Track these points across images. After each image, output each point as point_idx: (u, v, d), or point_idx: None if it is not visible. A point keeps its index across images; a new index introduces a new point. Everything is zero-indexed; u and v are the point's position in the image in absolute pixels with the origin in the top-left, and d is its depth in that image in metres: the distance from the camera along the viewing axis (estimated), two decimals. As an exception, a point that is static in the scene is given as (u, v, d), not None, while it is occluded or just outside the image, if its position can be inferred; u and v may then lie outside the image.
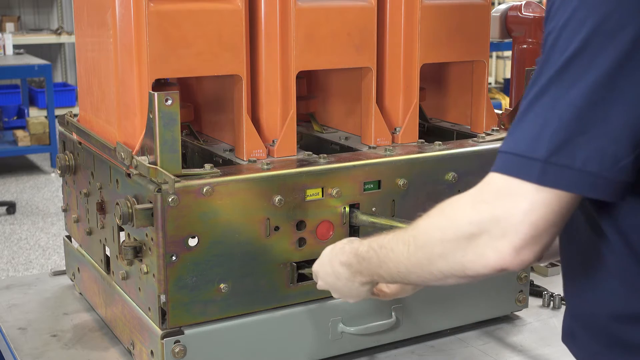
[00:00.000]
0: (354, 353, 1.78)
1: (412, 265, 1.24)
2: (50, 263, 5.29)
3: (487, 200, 1.09)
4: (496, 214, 1.07)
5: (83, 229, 1.96)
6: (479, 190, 1.11)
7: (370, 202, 1.71)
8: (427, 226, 1.20)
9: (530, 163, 1.03)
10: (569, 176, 1.02)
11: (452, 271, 1.16)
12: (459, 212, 1.13)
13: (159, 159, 1.50)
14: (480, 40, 1.95)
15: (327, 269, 1.49)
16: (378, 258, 1.34)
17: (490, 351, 1.83)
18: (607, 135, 1.00)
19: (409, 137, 1.90)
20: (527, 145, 1.04)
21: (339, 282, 1.47)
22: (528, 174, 1.04)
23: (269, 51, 1.72)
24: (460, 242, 1.12)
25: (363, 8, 1.78)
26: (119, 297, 1.76)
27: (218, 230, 1.56)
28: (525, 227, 1.05)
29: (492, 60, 10.40)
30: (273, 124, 1.76)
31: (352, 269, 1.43)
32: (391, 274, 1.31)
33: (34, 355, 1.77)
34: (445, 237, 1.14)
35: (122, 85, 1.65)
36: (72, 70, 9.56)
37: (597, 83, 0.99)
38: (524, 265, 1.08)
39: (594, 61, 0.99)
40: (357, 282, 1.44)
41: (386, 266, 1.31)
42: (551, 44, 1.04)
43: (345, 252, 1.45)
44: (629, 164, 1.01)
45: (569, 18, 1.02)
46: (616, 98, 0.99)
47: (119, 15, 1.61)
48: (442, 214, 1.17)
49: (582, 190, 1.03)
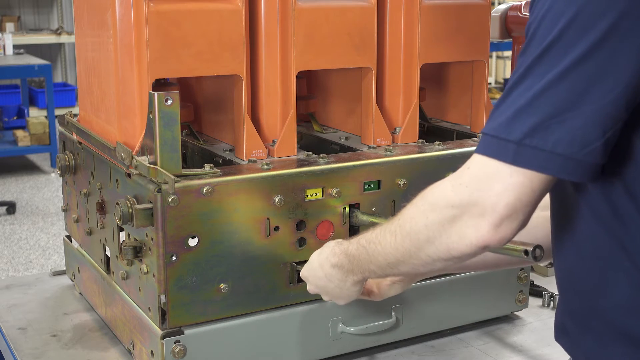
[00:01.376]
0: (354, 353, 1.78)
1: (400, 254, 1.28)
2: (50, 263, 5.29)
3: (465, 182, 1.14)
4: (474, 196, 1.12)
5: (83, 229, 1.96)
6: (459, 173, 1.17)
7: (370, 202, 1.71)
8: (411, 213, 1.25)
9: (506, 145, 1.09)
10: (541, 158, 1.07)
11: (439, 254, 1.20)
12: (440, 196, 1.19)
13: (159, 159, 1.50)
14: (480, 40, 1.95)
15: (317, 273, 1.52)
16: (367, 253, 1.37)
17: (490, 351, 1.83)
18: (578, 119, 1.05)
19: (409, 137, 1.90)
20: (503, 127, 1.10)
21: (330, 284, 1.50)
22: (504, 155, 1.10)
23: (269, 51, 1.72)
24: (443, 225, 1.17)
25: (363, 8, 1.78)
26: (119, 297, 1.76)
27: (218, 230, 1.56)
28: (502, 207, 1.11)
29: (492, 60, 10.40)
30: (273, 124, 1.76)
31: (344, 270, 1.46)
32: (382, 267, 1.35)
33: (34, 355, 1.77)
34: (429, 222, 1.19)
35: (122, 85, 1.65)
36: (72, 70, 9.57)
37: (570, 70, 1.05)
38: (504, 241, 1.14)
39: (568, 50, 1.05)
40: (349, 282, 1.47)
41: (376, 260, 1.35)
42: (531, 34, 1.10)
43: (335, 254, 1.48)
44: (599, 146, 1.06)
45: (548, 10, 1.07)
46: (587, 85, 1.04)
47: (119, 15, 1.61)
48: (424, 199, 1.23)
49: (552, 171, 1.08)
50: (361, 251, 1.39)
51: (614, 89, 1.04)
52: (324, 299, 1.56)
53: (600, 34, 1.03)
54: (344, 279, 1.47)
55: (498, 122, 1.11)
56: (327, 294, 1.54)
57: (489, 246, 1.15)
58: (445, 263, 1.22)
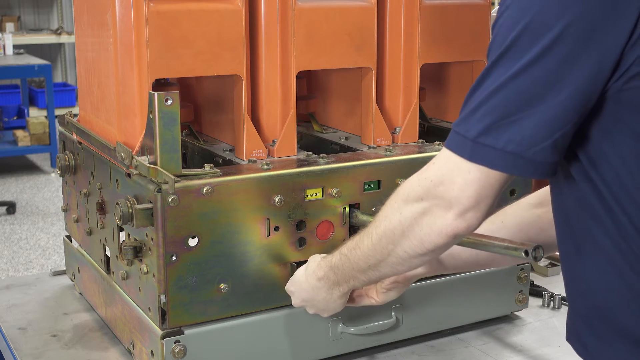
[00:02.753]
0: (354, 353, 1.78)
1: (379, 254, 1.33)
2: (50, 263, 5.29)
3: (430, 177, 1.21)
4: (439, 190, 1.19)
5: (83, 229, 1.96)
6: (425, 167, 1.24)
7: (370, 202, 1.71)
8: (385, 212, 1.30)
9: (465, 141, 1.15)
10: (493, 155, 1.13)
11: (414, 248, 1.26)
12: (409, 190, 1.25)
13: (159, 159, 1.50)
14: (480, 40, 1.96)
15: (303, 286, 1.56)
16: (349, 261, 1.42)
17: (490, 351, 1.83)
18: (527, 120, 1.11)
19: (409, 137, 1.90)
20: (464, 124, 1.16)
21: (317, 297, 1.54)
22: (463, 151, 1.16)
23: (269, 51, 1.72)
24: (415, 218, 1.23)
25: (363, 8, 1.78)
26: (119, 297, 1.76)
27: (218, 230, 1.56)
28: (464, 200, 1.18)
29: (492, 60, 10.38)
30: (273, 124, 1.76)
31: (329, 282, 1.50)
32: (364, 271, 1.40)
33: (34, 355, 1.77)
34: (402, 217, 1.25)
35: (122, 85, 1.65)
36: (72, 70, 9.57)
37: (521, 73, 1.11)
38: (471, 229, 1.20)
39: (521, 55, 1.11)
40: (336, 295, 1.52)
41: (358, 265, 1.40)
42: (492, 39, 1.17)
43: (321, 267, 1.52)
44: (548, 146, 1.11)
45: (506, 18, 1.14)
46: (537, 88, 1.10)
47: (119, 15, 1.61)
48: (396, 196, 1.28)
49: (504, 169, 1.14)
50: (344, 260, 1.44)
51: (562, 92, 1.09)
52: (309, 311, 1.60)
53: (549, 41, 1.08)
54: (330, 291, 1.52)
55: (461, 119, 1.18)
56: (312, 307, 1.58)
57: (459, 234, 1.21)
58: (422, 258, 1.28)
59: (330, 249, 1.68)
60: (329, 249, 1.68)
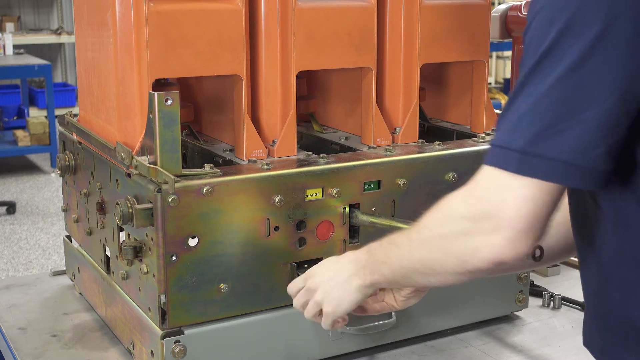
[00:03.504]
0: (354, 353, 1.78)
1: (416, 260, 1.27)
2: (50, 263, 5.29)
3: (477, 194, 1.14)
4: (486, 209, 1.11)
5: (83, 229, 1.96)
6: (471, 185, 1.16)
7: (370, 202, 1.71)
8: (427, 222, 1.24)
9: (510, 154, 1.09)
10: (544, 166, 1.06)
11: (453, 267, 1.19)
12: (453, 207, 1.18)
13: (159, 159, 1.50)
14: (480, 40, 1.95)
15: (329, 266, 1.49)
16: (385, 253, 1.36)
17: (490, 351, 1.83)
18: (578, 126, 1.05)
19: (409, 137, 1.90)
20: (508, 137, 1.10)
21: (332, 282, 1.46)
22: (509, 164, 1.09)
23: (269, 51, 1.72)
24: (457, 237, 1.16)
25: (363, 8, 1.78)
26: (119, 297, 1.76)
27: (218, 230, 1.56)
28: (516, 221, 1.09)
29: (492, 60, 10.40)
30: (273, 124, 1.76)
31: (358, 265, 1.43)
32: (394, 271, 1.34)
33: (34, 355, 1.77)
34: (443, 233, 1.19)
35: (122, 85, 1.65)
36: (72, 70, 9.57)
37: (565, 77, 1.05)
38: (520, 257, 1.12)
39: (561, 57, 1.05)
40: (354, 284, 1.43)
41: (390, 261, 1.34)
42: (527, 43, 1.11)
43: (359, 251, 1.45)
44: (602, 152, 1.05)
45: (540, 20, 1.09)
46: (583, 91, 1.04)
47: (119, 15, 1.61)
48: (440, 210, 1.22)
49: (557, 179, 1.07)
50: (379, 249, 1.38)
51: (612, 93, 1.03)
52: (311, 306, 1.50)
53: (591, 40, 1.03)
54: (352, 277, 1.43)
55: (502, 132, 1.11)
56: (323, 292, 1.48)
57: (505, 263, 1.12)
58: (459, 277, 1.21)
59: (331, 249, 1.68)
60: (329, 249, 1.68)
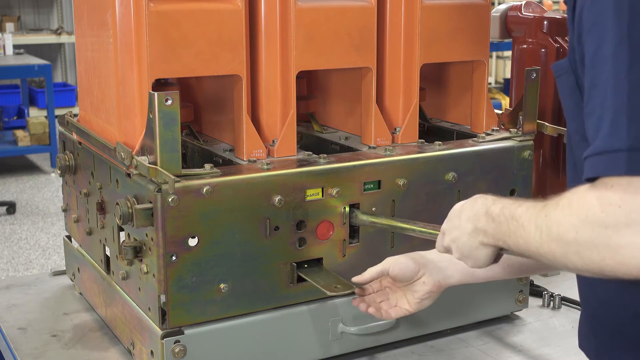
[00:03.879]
0: (354, 353, 1.78)
1: (545, 252, 1.20)
2: (50, 263, 5.29)
3: (615, 201, 1.07)
4: (630, 217, 1.06)
5: (83, 229, 1.96)
6: (604, 190, 1.09)
7: (370, 202, 1.71)
8: (558, 218, 1.16)
9: (627, 155, 1.04)
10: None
11: (588, 268, 1.13)
12: (590, 213, 1.11)
13: (159, 159, 1.50)
14: (480, 40, 1.95)
15: (454, 222, 1.41)
16: (508, 227, 1.28)
17: (490, 351, 1.83)
18: None
19: (409, 137, 1.90)
20: (610, 141, 1.05)
21: (462, 238, 1.39)
22: (625, 167, 1.05)
23: (269, 51, 1.72)
24: (596, 245, 1.10)
25: (363, 8, 1.78)
26: (119, 297, 1.76)
27: (218, 230, 1.56)
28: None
29: (492, 60, 10.40)
30: (273, 124, 1.76)
31: (478, 225, 1.35)
32: (519, 248, 1.26)
33: (34, 355, 1.77)
34: (579, 237, 1.12)
35: (122, 85, 1.65)
36: (72, 70, 9.57)
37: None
38: None
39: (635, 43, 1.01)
40: (478, 241, 1.36)
41: (515, 239, 1.26)
42: (583, 36, 1.07)
43: (475, 206, 1.37)
44: None
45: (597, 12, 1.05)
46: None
47: (119, 15, 1.61)
48: (571, 209, 1.14)
49: None
50: (502, 220, 1.29)
51: None
52: (455, 256, 1.43)
53: None
54: (474, 235, 1.36)
55: (603, 136, 1.07)
56: (457, 250, 1.42)
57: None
58: (592, 275, 1.15)
59: (331, 249, 1.68)
60: (329, 249, 1.68)
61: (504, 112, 1.97)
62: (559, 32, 2.09)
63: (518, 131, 1.90)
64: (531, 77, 1.84)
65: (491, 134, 1.93)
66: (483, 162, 1.83)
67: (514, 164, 1.87)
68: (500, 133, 1.92)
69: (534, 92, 1.86)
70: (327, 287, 1.59)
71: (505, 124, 1.95)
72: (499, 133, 1.92)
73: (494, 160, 1.85)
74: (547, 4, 9.10)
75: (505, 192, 1.84)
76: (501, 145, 1.87)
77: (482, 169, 1.83)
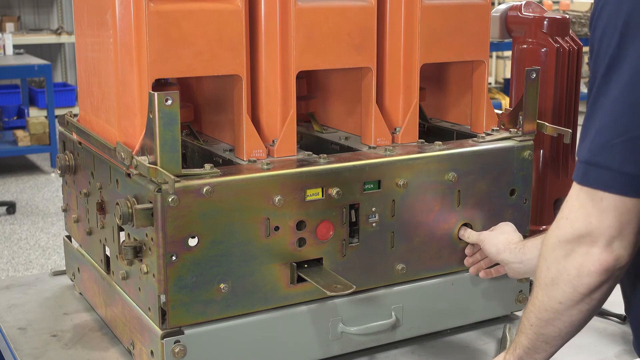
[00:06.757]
0: (354, 353, 1.78)
1: (537, 308, 1.26)
2: (50, 263, 5.29)
3: (565, 215, 1.14)
4: (577, 227, 1.12)
5: (83, 229, 1.96)
6: (561, 208, 1.17)
7: (370, 202, 1.71)
8: (539, 263, 1.24)
9: (584, 167, 1.09)
10: (608, 177, 1.06)
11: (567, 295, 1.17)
12: (552, 235, 1.18)
13: (159, 159, 1.50)
14: (480, 40, 1.96)
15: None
16: (526, 317, 1.34)
17: (491, 351, 1.83)
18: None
19: (409, 137, 1.90)
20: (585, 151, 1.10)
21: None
22: (580, 176, 1.10)
23: (269, 51, 1.72)
24: (559, 262, 1.16)
25: (363, 8, 1.78)
26: (119, 297, 1.76)
27: (218, 230, 1.56)
28: (605, 229, 1.09)
29: (492, 60, 10.40)
30: (273, 124, 1.76)
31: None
32: (527, 336, 1.32)
33: (34, 355, 1.77)
34: (549, 263, 1.19)
35: (122, 85, 1.65)
36: (72, 70, 9.56)
37: (630, 85, 1.03)
38: (621, 260, 1.11)
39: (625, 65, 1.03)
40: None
41: (523, 328, 1.33)
42: (595, 54, 1.09)
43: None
44: None
45: (605, 27, 1.06)
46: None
47: (119, 15, 1.61)
48: (543, 245, 1.22)
49: (620, 191, 1.07)
50: (528, 331, 1.34)
51: None
52: None
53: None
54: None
55: (580, 147, 1.11)
56: None
57: (609, 269, 1.12)
58: (579, 307, 1.18)
59: (331, 249, 1.68)
60: (329, 249, 1.68)
61: (504, 112, 1.97)
62: (559, 32, 2.09)
63: (518, 131, 1.90)
64: (531, 77, 1.84)
65: (491, 134, 1.93)
66: (483, 162, 1.83)
67: (514, 164, 1.87)
68: (500, 133, 1.92)
69: (534, 92, 1.86)
70: (327, 287, 1.59)
71: (505, 124, 1.95)
72: (499, 133, 1.92)
73: (494, 160, 1.85)
74: (547, 4, 9.10)
75: (505, 192, 1.84)
76: (501, 145, 1.87)
77: (482, 169, 1.83)
